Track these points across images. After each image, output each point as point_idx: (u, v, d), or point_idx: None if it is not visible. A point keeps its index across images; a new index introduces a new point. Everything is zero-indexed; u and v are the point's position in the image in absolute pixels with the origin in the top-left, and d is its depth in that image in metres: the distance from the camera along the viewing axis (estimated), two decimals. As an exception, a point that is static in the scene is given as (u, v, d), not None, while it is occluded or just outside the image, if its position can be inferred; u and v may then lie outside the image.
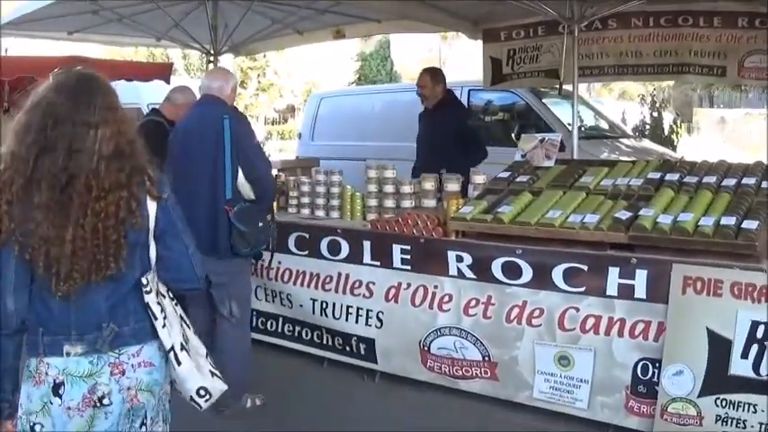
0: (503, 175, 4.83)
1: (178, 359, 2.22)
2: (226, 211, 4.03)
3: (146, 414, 2.20)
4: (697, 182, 4.21)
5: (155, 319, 2.17)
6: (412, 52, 25.55)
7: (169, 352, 2.21)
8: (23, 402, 2.13)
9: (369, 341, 4.64)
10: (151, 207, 2.16)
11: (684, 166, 4.52)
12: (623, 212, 3.95)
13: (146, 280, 2.18)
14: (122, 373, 2.14)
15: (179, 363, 2.23)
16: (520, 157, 5.03)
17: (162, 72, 8.53)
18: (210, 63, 8.08)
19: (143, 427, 2.20)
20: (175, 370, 2.24)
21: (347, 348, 4.78)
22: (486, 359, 4.19)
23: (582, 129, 7.74)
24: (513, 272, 4.07)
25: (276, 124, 26.00)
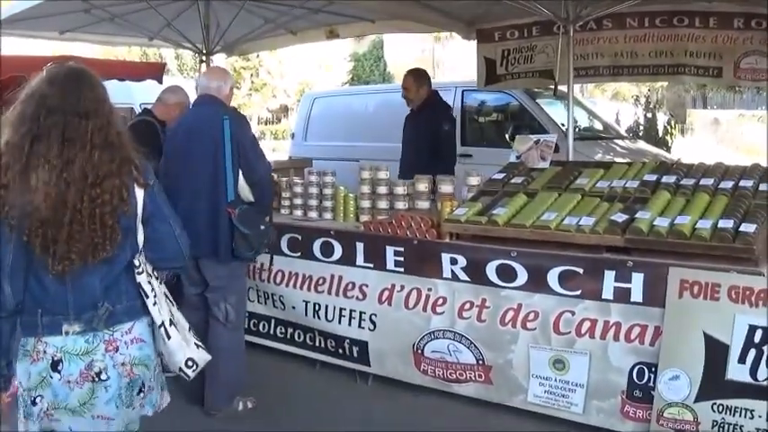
0: (497, 176, 4.79)
1: (168, 334, 2.42)
2: (228, 214, 3.97)
3: (143, 383, 2.39)
4: (694, 184, 4.17)
5: (146, 297, 2.37)
6: (405, 53, 25.59)
7: (160, 327, 2.41)
8: (22, 381, 2.27)
9: (362, 344, 4.60)
10: (139, 194, 2.34)
11: (681, 168, 4.49)
12: (619, 215, 3.91)
13: (137, 261, 2.37)
14: (116, 349, 2.32)
15: (168, 337, 2.42)
16: (514, 158, 4.99)
17: (154, 72, 8.48)
18: (203, 63, 8.05)
19: (140, 394, 2.39)
20: (165, 344, 2.43)
21: (340, 351, 4.73)
22: (481, 363, 4.15)
23: (576, 130, 7.72)
24: (507, 274, 4.04)
25: (269, 124, 26.01)
